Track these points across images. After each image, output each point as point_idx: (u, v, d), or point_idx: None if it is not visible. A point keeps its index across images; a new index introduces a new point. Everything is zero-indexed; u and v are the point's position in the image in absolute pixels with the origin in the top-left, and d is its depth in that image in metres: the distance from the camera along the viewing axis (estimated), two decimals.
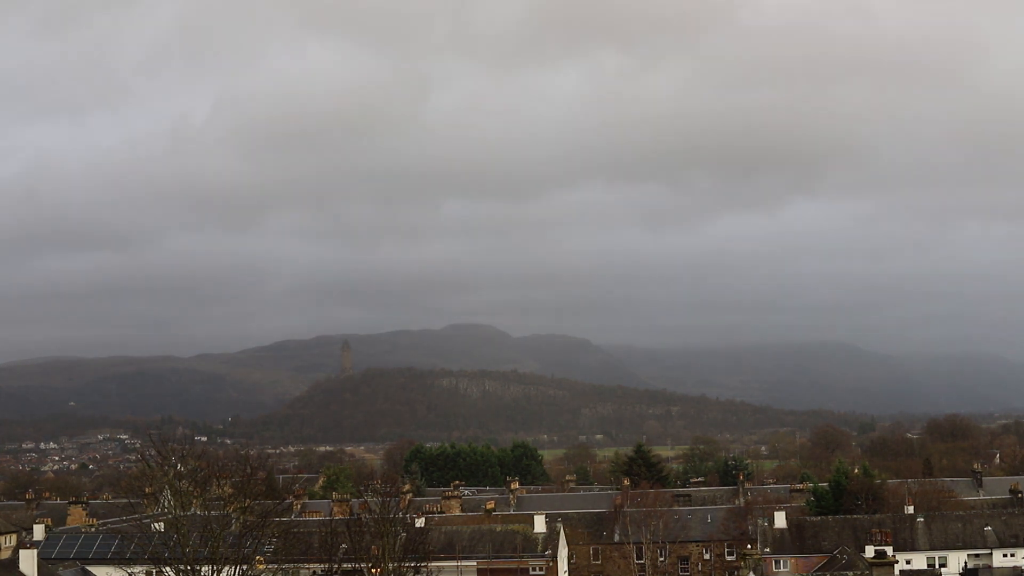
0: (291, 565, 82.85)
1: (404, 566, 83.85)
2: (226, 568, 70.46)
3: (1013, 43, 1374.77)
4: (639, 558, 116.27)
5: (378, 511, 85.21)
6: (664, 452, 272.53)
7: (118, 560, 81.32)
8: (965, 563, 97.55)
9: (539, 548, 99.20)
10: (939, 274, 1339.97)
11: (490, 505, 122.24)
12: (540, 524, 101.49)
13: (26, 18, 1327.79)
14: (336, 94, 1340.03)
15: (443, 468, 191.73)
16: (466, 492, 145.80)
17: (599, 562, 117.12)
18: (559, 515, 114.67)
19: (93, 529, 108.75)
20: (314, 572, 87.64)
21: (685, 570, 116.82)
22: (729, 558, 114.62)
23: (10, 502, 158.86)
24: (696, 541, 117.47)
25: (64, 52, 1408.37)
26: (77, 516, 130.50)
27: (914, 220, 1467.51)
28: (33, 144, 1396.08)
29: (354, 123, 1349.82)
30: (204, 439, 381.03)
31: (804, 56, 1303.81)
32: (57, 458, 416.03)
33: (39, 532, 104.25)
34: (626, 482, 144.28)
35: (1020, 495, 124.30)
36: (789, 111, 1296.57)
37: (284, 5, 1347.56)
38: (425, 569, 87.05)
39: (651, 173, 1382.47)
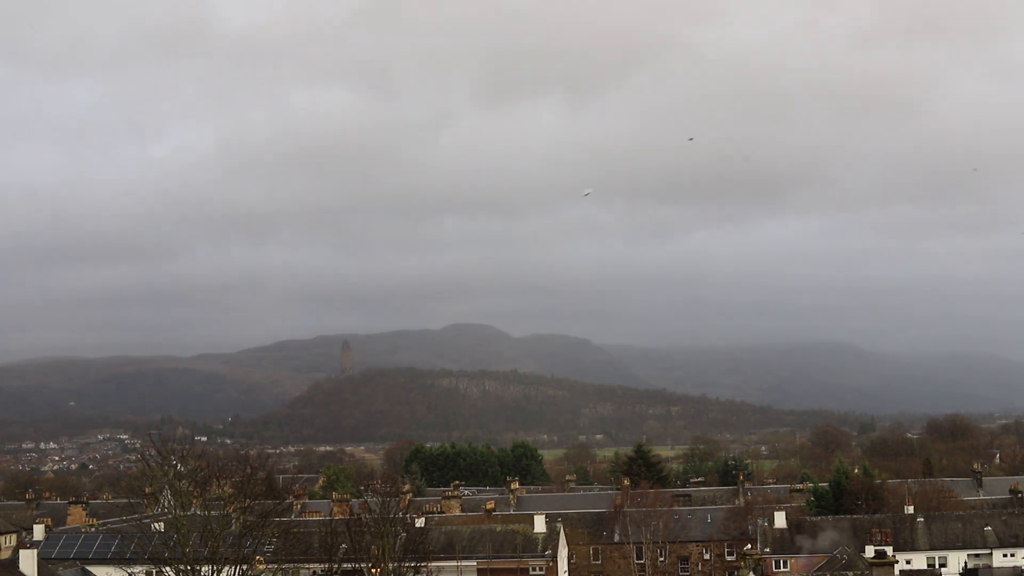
0: (291, 565, 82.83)
1: (404, 566, 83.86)
2: (226, 568, 70.47)
3: (961, 77, 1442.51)
4: (639, 558, 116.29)
5: (378, 511, 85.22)
6: (664, 452, 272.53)
7: (118, 560, 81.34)
8: (965, 563, 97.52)
9: (539, 548, 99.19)
10: (922, 279, 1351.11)
11: (490, 505, 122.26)
12: (540, 524, 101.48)
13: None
14: (348, 131, 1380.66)
15: (443, 468, 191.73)
16: (466, 492, 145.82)
17: (599, 562, 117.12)
18: (559, 515, 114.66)
19: (93, 529, 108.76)
20: (314, 572, 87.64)
21: (685, 570, 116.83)
22: (729, 558, 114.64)
23: (10, 502, 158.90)
24: (696, 541, 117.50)
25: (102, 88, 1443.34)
26: (77, 516, 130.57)
27: (880, 235, 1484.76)
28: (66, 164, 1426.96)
29: (365, 152, 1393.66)
30: (204, 439, 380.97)
31: (764, 88, 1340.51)
32: (57, 458, 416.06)
33: (39, 532, 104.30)
34: (626, 482, 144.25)
35: (1020, 495, 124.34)
36: (751, 141, 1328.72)
37: (303, 56, 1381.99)
38: (425, 569, 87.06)
39: (633, 193, 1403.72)
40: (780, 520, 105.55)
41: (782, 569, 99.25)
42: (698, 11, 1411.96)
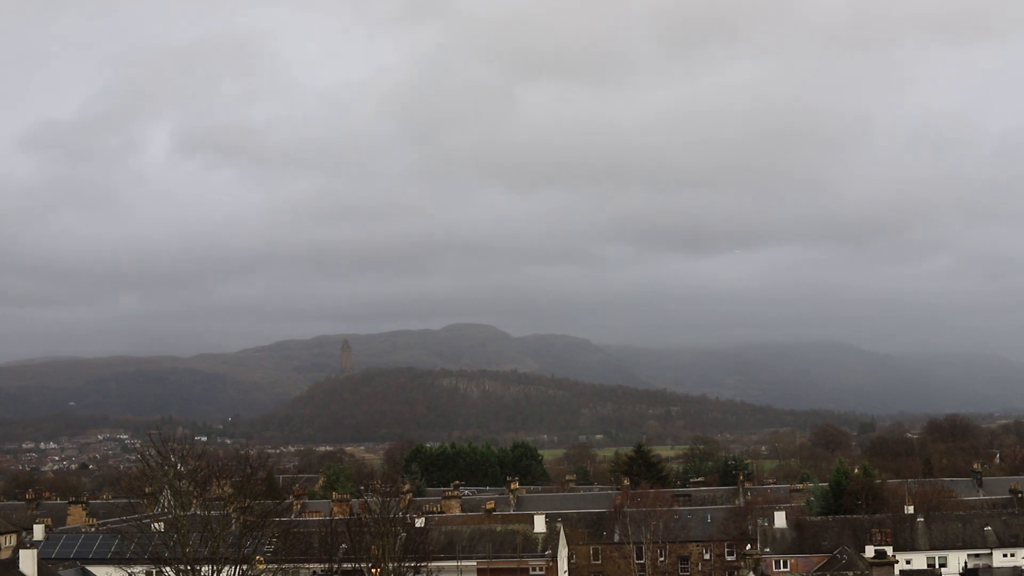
0: (291, 565, 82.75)
1: (404, 566, 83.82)
2: (226, 568, 70.43)
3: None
4: (639, 558, 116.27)
5: (378, 511, 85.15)
6: (664, 452, 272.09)
7: (118, 560, 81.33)
8: (965, 563, 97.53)
9: (539, 548, 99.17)
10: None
11: (490, 505, 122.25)
12: (540, 524, 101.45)
13: None
14: None
15: (443, 468, 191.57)
16: (466, 492, 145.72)
17: (599, 562, 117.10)
18: (559, 515, 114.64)
19: (93, 529, 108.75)
20: (314, 572, 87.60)
21: (685, 570, 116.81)
22: (729, 558, 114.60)
23: (10, 502, 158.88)
24: (696, 541, 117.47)
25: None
26: (77, 516, 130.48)
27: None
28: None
29: None
30: (204, 439, 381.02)
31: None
32: (57, 458, 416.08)
33: (39, 532, 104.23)
34: (626, 482, 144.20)
35: (1020, 495, 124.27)
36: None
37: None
38: (425, 569, 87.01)
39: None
40: (780, 520, 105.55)
41: (782, 569, 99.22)
42: None
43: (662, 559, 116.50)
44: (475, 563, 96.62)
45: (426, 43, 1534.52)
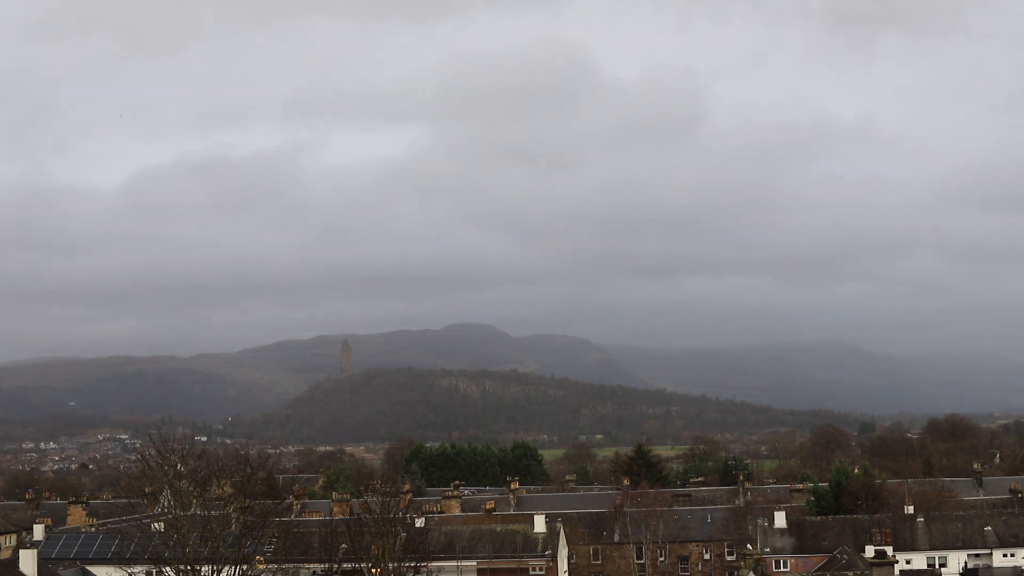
0: (291, 565, 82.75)
1: (404, 566, 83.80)
2: (226, 568, 70.42)
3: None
4: (639, 558, 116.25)
5: (378, 511, 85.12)
6: (664, 452, 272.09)
7: (118, 560, 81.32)
8: (965, 563, 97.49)
9: (539, 548, 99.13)
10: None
11: (490, 505, 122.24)
12: (540, 524, 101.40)
13: None
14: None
15: (443, 468, 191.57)
16: (466, 492, 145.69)
17: (599, 562, 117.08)
18: (559, 515, 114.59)
19: (93, 529, 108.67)
20: (314, 572, 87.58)
21: (685, 570, 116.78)
22: (729, 558, 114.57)
23: (10, 502, 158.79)
24: (696, 541, 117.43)
25: None
26: (77, 516, 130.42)
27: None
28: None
29: None
30: (204, 439, 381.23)
31: None
32: (57, 458, 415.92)
33: (39, 532, 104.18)
34: (626, 482, 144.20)
35: (1020, 495, 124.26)
36: None
37: None
38: (425, 569, 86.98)
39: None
40: (780, 520, 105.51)
41: (782, 569, 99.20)
42: None
43: (662, 559, 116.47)
44: (475, 563, 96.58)
45: None
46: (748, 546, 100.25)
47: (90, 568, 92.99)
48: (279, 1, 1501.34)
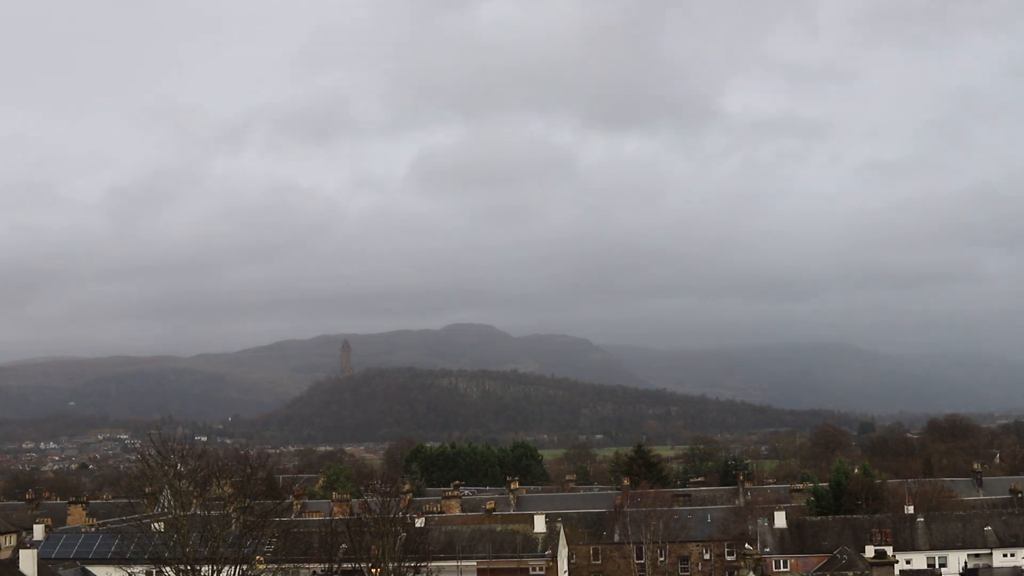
0: (291, 565, 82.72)
1: (404, 566, 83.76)
2: (226, 568, 70.38)
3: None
4: (639, 558, 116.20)
5: (378, 511, 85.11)
6: (664, 452, 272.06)
7: (118, 560, 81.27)
8: (965, 563, 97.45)
9: (539, 548, 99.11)
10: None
11: (490, 505, 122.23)
12: (540, 524, 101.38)
13: None
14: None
15: (443, 468, 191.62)
16: (466, 492, 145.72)
17: (599, 562, 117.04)
18: (559, 515, 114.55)
19: (93, 529, 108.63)
20: (314, 572, 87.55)
21: (685, 570, 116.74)
22: (729, 558, 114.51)
23: (10, 502, 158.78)
24: (696, 541, 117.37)
25: None
26: (77, 516, 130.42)
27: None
28: None
29: None
30: (204, 439, 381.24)
31: None
32: (57, 458, 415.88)
33: (39, 532, 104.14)
34: (626, 482, 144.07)
35: (1020, 495, 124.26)
36: None
37: None
38: (425, 569, 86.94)
39: None
40: (780, 520, 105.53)
41: (782, 569, 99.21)
42: None
43: (662, 559, 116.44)
44: (475, 563, 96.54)
45: None
46: (748, 546, 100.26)
47: (90, 568, 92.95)
48: None
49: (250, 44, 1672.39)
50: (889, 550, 79.39)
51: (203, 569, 69.33)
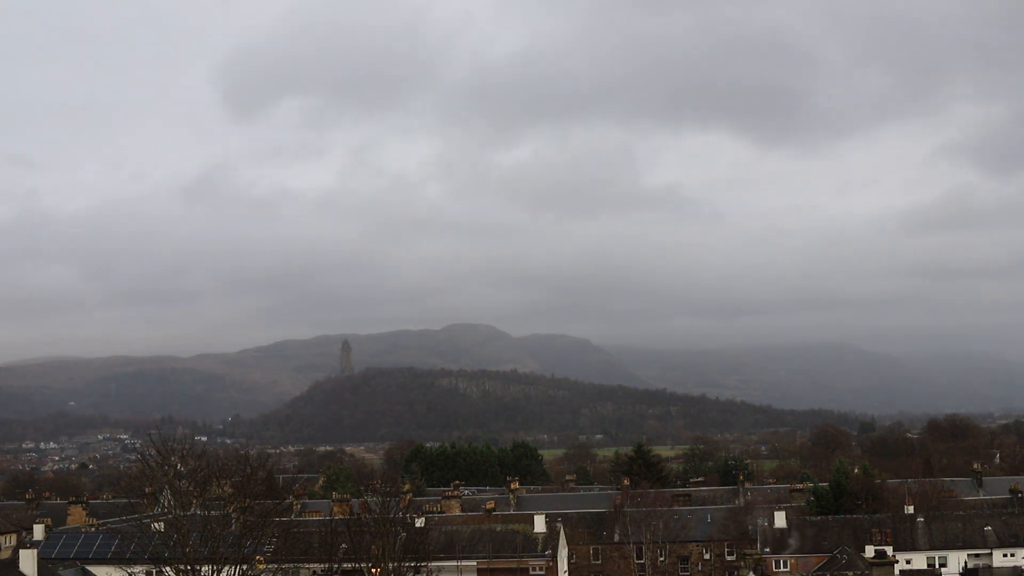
0: (291, 565, 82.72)
1: (404, 566, 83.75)
2: (226, 568, 70.37)
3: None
4: (639, 558, 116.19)
5: (378, 511, 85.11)
6: (664, 452, 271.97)
7: (118, 560, 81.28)
8: (965, 563, 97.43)
9: (539, 548, 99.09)
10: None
11: (490, 505, 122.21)
12: (540, 524, 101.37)
13: None
14: None
15: (443, 468, 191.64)
16: (466, 492, 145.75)
17: (599, 562, 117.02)
18: (559, 515, 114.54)
19: (93, 529, 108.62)
20: (314, 572, 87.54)
21: (685, 570, 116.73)
22: (729, 558, 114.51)
23: (10, 502, 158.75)
24: (696, 541, 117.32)
25: None
26: (77, 516, 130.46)
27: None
28: None
29: None
30: (204, 439, 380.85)
31: None
32: (57, 458, 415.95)
33: (39, 532, 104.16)
34: (626, 482, 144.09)
35: (1020, 495, 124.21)
36: None
37: None
38: (425, 569, 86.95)
39: None
40: (780, 520, 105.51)
41: (782, 569, 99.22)
42: None
43: (662, 559, 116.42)
44: (475, 563, 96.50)
45: None
46: (748, 546, 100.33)
47: (90, 568, 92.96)
48: None
49: None
50: (889, 550, 79.51)
51: (203, 569, 69.31)
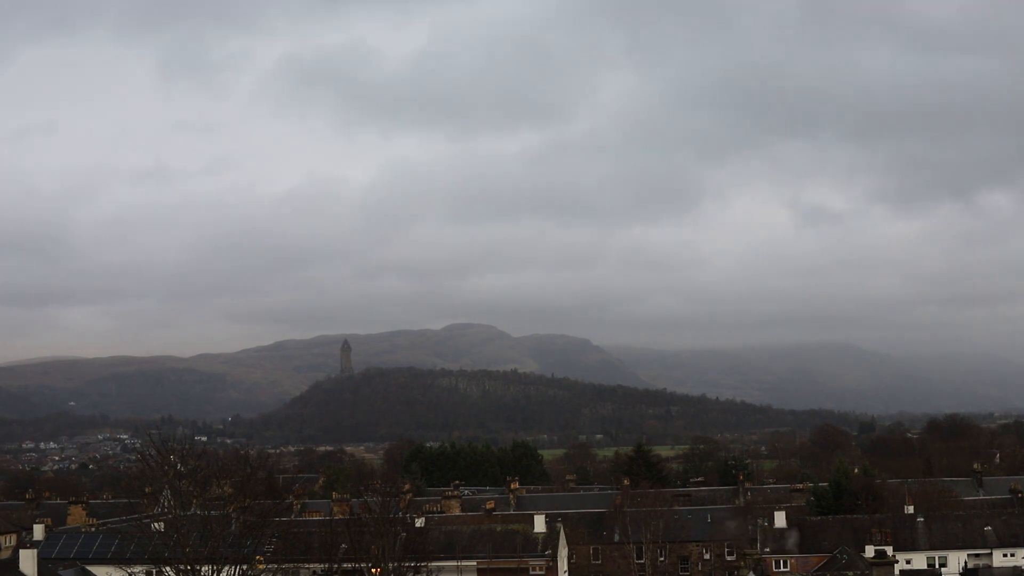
0: (291, 565, 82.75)
1: (404, 566, 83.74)
2: (226, 568, 70.41)
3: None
4: (639, 558, 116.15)
5: (378, 511, 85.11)
6: (664, 452, 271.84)
7: (118, 560, 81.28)
8: (965, 563, 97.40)
9: (539, 548, 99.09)
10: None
11: (490, 505, 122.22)
12: (540, 524, 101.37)
13: None
14: None
15: (443, 468, 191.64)
16: (466, 492, 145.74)
17: (599, 562, 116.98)
18: (559, 515, 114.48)
19: (93, 529, 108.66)
20: (314, 572, 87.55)
21: (685, 570, 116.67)
22: (729, 558, 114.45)
23: (10, 502, 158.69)
24: (696, 541, 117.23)
25: None
26: (77, 516, 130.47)
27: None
28: None
29: None
30: (204, 439, 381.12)
31: None
32: (57, 458, 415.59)
33: (39, 532, 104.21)
34: (626, 482, 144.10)
35: (1020, 495, 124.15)
36: None
37: None
38: (425, 569, 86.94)
39: None
40: (780, 520, 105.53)
41: (782, 569, 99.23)
42: None
43: (662, 559, 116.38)
44: (475, 563, 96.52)
45: None
46: (748, 546, 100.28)
47: (90, 568, 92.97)
48: None
49: None
50: (889, 550, 79.47)
51: (203, 569, 69.36)
